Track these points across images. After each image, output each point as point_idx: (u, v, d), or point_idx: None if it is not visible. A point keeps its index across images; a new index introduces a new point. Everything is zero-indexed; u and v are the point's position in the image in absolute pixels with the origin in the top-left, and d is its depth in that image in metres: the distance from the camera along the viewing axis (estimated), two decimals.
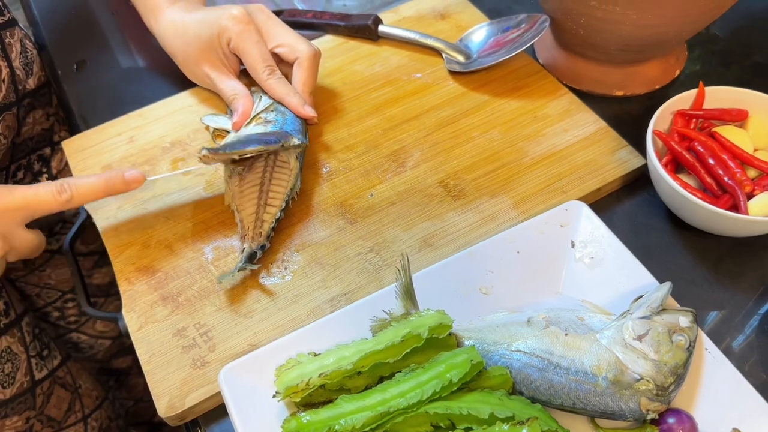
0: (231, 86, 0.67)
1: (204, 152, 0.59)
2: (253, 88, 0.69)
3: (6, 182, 0.78)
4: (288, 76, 0.68)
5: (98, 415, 0.91)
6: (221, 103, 0.71)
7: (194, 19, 0.67)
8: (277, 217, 0.60)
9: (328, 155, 0.67)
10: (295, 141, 0.62)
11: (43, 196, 0.56)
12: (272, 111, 0.65)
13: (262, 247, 0.59)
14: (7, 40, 0.71)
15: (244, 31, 0.65)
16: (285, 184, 0.62)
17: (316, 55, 0.67)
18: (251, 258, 0.58)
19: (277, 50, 0.68)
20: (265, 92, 0.67)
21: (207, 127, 0.69)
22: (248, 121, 0.66)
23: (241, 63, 0.69)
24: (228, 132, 0.67)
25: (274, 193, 0.61)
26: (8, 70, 0.70)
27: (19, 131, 0.76)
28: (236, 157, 0.61)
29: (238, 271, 0.57)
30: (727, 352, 0.53)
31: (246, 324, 0.56)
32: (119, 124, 0.70)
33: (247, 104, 0.66)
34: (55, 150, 0.82)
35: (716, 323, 0.56)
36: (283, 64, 0.69)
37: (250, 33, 0.65)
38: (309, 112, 0.66)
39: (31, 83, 0.75)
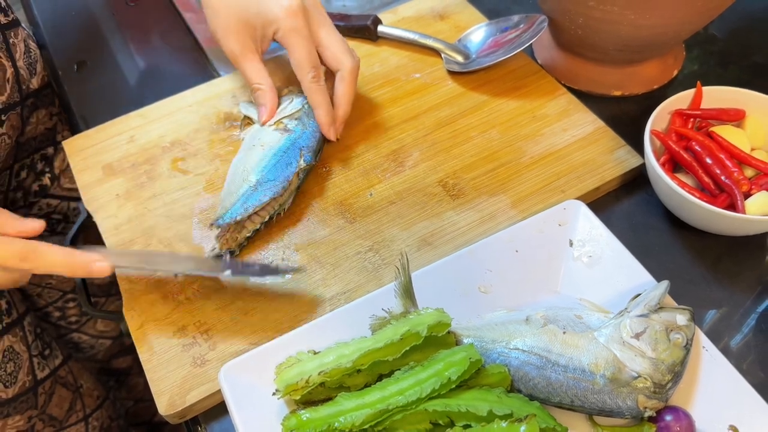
0: (256, 72, 0.65)
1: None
2: (289, 88, 0.69)
3: (10, 182, 0.79)
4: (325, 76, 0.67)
5: (99, 414, 0.91)
6: (222, 103, 0.71)
7: None
8: (257, 228, 0.60)
9: (327, 155, 0.67)
10: (301, 168, 0.62)
11: (6, 256, 0.52)
12: (296, 119, 0.65)
13: (231, 252, 0.59)
14: (11, 41, 0.71)
15: (294, 27, 0.62)
16: (278, 198, 0.61)
17: (356, 69, 0.66)
18: (217, 258, 0.58)
19: (320, 51, 0.65)
20: (297, 98, 0.67)
21: (239, 112, 0.70)
22: (271, 122, 0.66)
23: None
24: (254, 122, 0.67)
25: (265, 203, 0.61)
26: (12, 70, 0.71)
27: (23, 131, 0.76)
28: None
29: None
30: (725, 351, 0.53)
31: (246, 322, 0.56)
32: (119, 123, 0.71)
33: (273, 100, 0.65)
34: (57, 149, 0.82)
35: (714, 322, 0.56)
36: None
37: (301, 29, 0.63)
38: (332, 136, 0.66)
39: (35, 83, 0.75)
